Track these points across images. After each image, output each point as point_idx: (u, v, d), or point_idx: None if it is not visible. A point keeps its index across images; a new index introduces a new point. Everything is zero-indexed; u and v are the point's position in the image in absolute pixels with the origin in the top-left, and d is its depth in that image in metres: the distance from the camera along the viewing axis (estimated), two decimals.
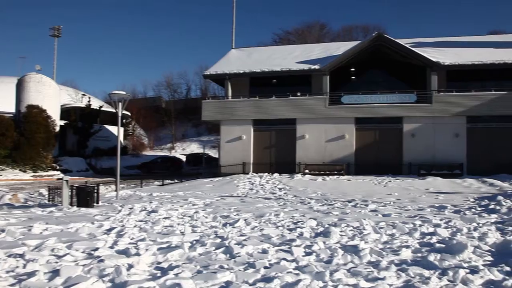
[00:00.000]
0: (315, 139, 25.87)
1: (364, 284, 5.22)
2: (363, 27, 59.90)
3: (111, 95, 14.90)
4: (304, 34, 58.72)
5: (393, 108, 25.03)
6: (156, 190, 18.45)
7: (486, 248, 7.04)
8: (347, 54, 26.54)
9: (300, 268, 5.86)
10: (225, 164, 26.63)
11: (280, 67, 27.42)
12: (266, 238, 7.80)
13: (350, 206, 12.46)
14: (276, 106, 26.46)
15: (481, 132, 24.32)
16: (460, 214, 10.84)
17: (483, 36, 32.31)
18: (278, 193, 16.89)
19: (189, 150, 50.22)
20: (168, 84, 66.25)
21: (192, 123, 58.48)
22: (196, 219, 10.05)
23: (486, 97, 24.02)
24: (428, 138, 24.60)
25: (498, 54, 25.33)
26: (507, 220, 9.68)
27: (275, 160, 26.53)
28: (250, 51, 33.11)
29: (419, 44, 27.61)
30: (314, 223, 9.31)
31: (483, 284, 5.26)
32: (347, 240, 7.69)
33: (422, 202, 13.37)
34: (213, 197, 15.17)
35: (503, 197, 13.10)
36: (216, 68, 29.36)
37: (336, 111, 25.68)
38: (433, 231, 8.37)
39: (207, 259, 6.37)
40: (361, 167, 24.72)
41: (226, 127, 27.35)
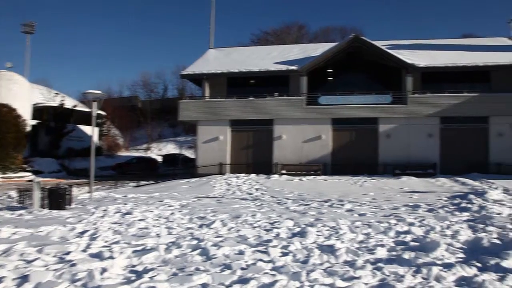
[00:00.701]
0: (292, 139, 25.98)
1: (340, 283, 5.26)
2: (341, 28, 60.57)
3: (86, 95, 14.61)
4: (282, 34, 58.95)
5: (369, 109, 25.38)
6: (131, 192, 18.16)
7: (458, 245, 7.20)
8: (325, 55, 26.77)
9: (276, 268, 5.86)
10: (201, 165, 26.47)
11: (258, 67, 27.44)
12: (242, 239, 7.77)
13: (326, 206, 12.53)
14: (253, 107, 26.45)
15: (454, 132, 24.90)
16: (433, 212, 11.04)
17: (456, 39, 33.11)
18: (255, 193, 16.86)
19: (166, 151, 49.73)
20: (145, 83, 65.44)
21: (168, 123, 57.94)
22: (172, 221, 9.92)
23: (458, 98, 24.62)
24: (403, 138, 25.03)
25: (470, 57, 26.00)
26: (478, 218, 9.92)
27: (252, 160, 26.51)
28: (228, 51, 33.03)
29: (395, 46, 28.08)
30: (290, 223, 9.32)
31: (456, 280, 5.38)
32: (323, 240, 7.72)
33: (397, 202, 13.55)
34: (190, 198, 15.02)
35: (474, 195, 13.41)
36: (193, 68, 29.16)
37: (313, 111, 25.86)
38: (408, 229, 8.50)
39: (183, 261, 6.30)
40: (337, 167, 24.94)
41: (203, 127, 27.18)
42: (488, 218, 9.76)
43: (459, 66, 25.36)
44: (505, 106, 24.12)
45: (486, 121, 24.63)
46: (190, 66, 29.97)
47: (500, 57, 25.70)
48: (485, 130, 24.66)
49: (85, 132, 41.20)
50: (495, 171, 23.55)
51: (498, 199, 12.84)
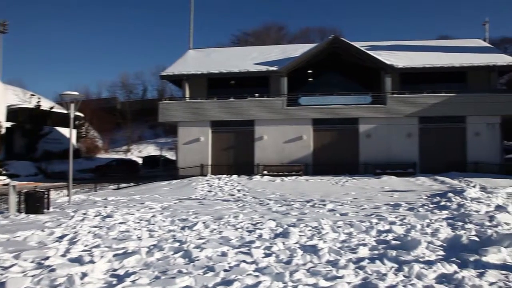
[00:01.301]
0: (274, 140, 26.03)
1: (324, 283, 5.27)
2: (320, 29, 60.97)
3: (63, 96, 14.34)
4: (262, 35, 59.09)
5: (349, 109, 25.62)
6: (111, 194, 17.90)
7: (439, 243, 7.31)
8: (305, 56, 26.92)
9: (260, 269, 5.84)
10: (183, 166, 26.27)
11: (238, 68, 27.41)
12: (225, 240, 7.73)
13: (308, 206, 12.58)
14: (234, 108, 26.41)
15: (432, 132, 25.35)
16: (414, 211, 11.20)
17: (433, 40, 33.77)
18: (237, 194, 16.82)
19: (146, 153, 49.25)
20: (124, 84, 64.67)
21: (148, 124, 57.35)
22: (153, 223, 9.80)
23: (436, 99, 25.09)
24: (383, 138, 25.35)
25: (447, 58, 26.55)
26: (457, 216, 10.11)
27: (234, 161, 26.46)
28: (208, 51, 32.90)
29: (373, 47, 28.42)
30: (273, 224, 9.32)
31: (436, 277, 5.46)
32: (306, 240, 7.75)
33: (378, 201, 13.70)
34: (171, 200, 14.88)
35: (453, 194, 13.66)
36: (173, 68, 28.94)
37: (294, 112, 25.96)
38: (389, 228, 8.60)
39: (165, 264, 6.23)
40: (318, 168, 25.09)
41: (183, 128, 27.00)
42: (467, 216, 9.96)
43: (436, 67, 25.87)
44: (481, 106, 24.68)
45: (463, 120, 25.17)
46: (169, 67, 29.74)
47: (475, 58, 26.32)
48: (462, 130, 25.19)
49: (62, 134, 40.43)
50: (473, 169, 24.09)
51: (475, 197, 13.10)
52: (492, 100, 24.83)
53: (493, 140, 24.85)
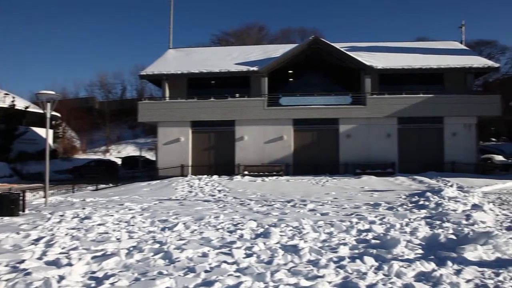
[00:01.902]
0: (254, 140, 26.03)
1: (305, 283, 5.29)
2: (300, 30, 61.30)
3: (39, 95, 14.01)
4: (242, 35, 59.06)
5: (330, 109, 25.81)
6: (90, 195, 17.61)
7: (417, 242, 7.43)
8: (285, 57, 27.01)
9: (241, 270, 5.83)
10: (163, 167, 26.03)
11: (218, 68, 27.31)
12: (206, 241, 7.68)
13: (289, 206, 12.62)
14: (214, 108, 26.31)
15: (411, 132, 25.75)
16: (393, 210, 11.34)
17: (411, 42, 34.34)
18: (217, 195, 16.76)
19: (125, 153, 48.62)
20: (102, 84, 63.57)
21: (128, 124, 56.67)
22: (133, 225, 9.68)
23: (415, 99, 25.49)
24: (363, 138, 25.62)
25: (425, 60, 27.04)
26: (435, 215, 10.30)
27: (214, 162, 26.36)
28: (188, 51, 32.69)
29: (353, 48, 28.71)
30: (254, 224, 9.31)
31: (415, 275, 5.55)
32: (287, 240, 7.76)
33: (358, 200, 13.84)
34: (151, 201, 14.72)
35: (431, 193, 13.91)
36: (152, 68, 28.65)
37: (275, 112, 26.02)
38: (369, 228, 8.69)
39: (145, 266, 6.15)
40: (299, 168, 25.20)
41: (163, 128, 26.75)
42: (444, 214, 10.15)
43: (415, 68, 26.29)
44: (458, 107, 25.19)
45: (441, 121, 25.64)
46: (149, 66, 29.41)
47: (452, 60, 26.89)
48: (440, 130, 25.67)
49: (38, 134, 39.55)
50: (450, 169, 24.57)
51: (453, 196, 13.37)
52: (468, 102, 25.40)
53: (469, 141, 25.40)
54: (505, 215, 10.41)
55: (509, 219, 9.85)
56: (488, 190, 17.33)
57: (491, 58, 42.55)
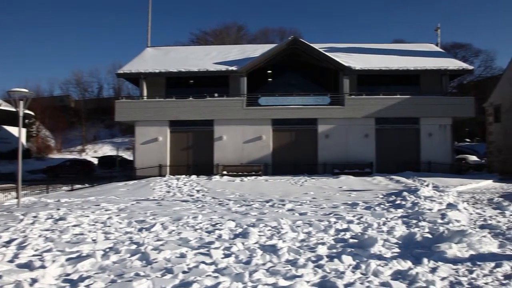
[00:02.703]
0: (233, 140, 25.98)
1: (283, 282, 5.28)
2: (280, 30, 61.56)
3: (11, 93, 13.61)
4: (221, 35, 58.87)
5: (308, 109, 25.97)
6: (65, 196, 17.23)
7: (394, 240, 7.52)
8: (264, 56, 27.05)
9: (219, 270, 5.78)
10: (140, 167, 25.71)
11: (197, 67, 27.15)
12: (184, 241, 7.60)
13: (268, 206, 12.61)
14: (193, 107, 26.14)
15: (388, 132, 26.16)
16: (370, 210, 11.45)
17: (388, 44, 34.87)
18: (196, 195, 16.63)
19: (102, 153, 47.90)
20: (78, 82, 62.35)
21: (104, 124, 55.85)
22: (109, 225, 9.49)
23: (392, 100, 25.90)
24: (341, 138, 25.88)
25: (402, 62, 27.49)
26: (411, 214, 10.46)
27: (193, 161, 26.19)
28: (167, 50, 32.39)
29: (331, 49, 28.97)
30: (232, 224, 9.27)
31: (392, 274, 5.62)
32: (265, 240, 7.74)
33: (336, 200, 13.92)
34: (128, 202, 14.50)
35: (407, 192, 14.12)
36: (130, 66, 28.25)
37: (253, 112, 26.03)
38: (347, 227, 8.74)
39: (121, 267, 6.03)
40: (278, 168, 25.27)
41: (141, 128, 26.42)
42: (421, 214, 10.31)
43: (392, 69, 26.70)
44: (434, 108, 25.75)
45: (417, 122, 26.13)
46: (126, 64, 29.01)
47: (428, 62, 27.42)
48: (416, 131, 26.16)
49: (11, 133, 38.60)
50: (426, 169, 25.08)
51: (429, 195, 13.60)
52: (444, 103, 25.98)
53: (445, 141, 25.97)
54: (479, 214, 10.65)
55: (482, 218, 10.08)
56: (462, 189, 17.75)
57: (466, 61, 43.54)
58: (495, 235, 7.79)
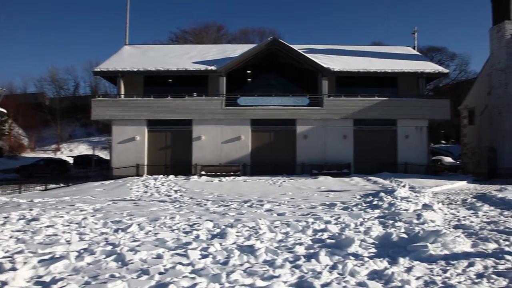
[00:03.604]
0: (212, 140, 25.86)
1: (260, 283, 5.26)
2: (259, 30, 61.66)
3: None
4: (201, 34, 58.57)
5: (287, 110, 26.06)
6: (38, 196, 16.84)
7: (371, 241, 7.59)
8: (244, 57, 27.01)
9: (196, 271, 5.73)
10: (117, 166, 25.33)
11: (176, 66, 26.91)
12: (161, 242, 7.50)
13: (246, 207, 12.59)
14: (171, 107, 25.91)
15: (366, 134, 26.48)
16: (348, 210, 11.55)
17: (366, 46, 35.29)
18: (173, 195, 16.49)
19: (77, 152, 47.02)
20: (53, 79, 60.90)
21: (80, 122, 54.84)
22: (84, 226, 9.30)
23: (370, 102, 26.23)
24: (319, 139, 26.06)
25: (380, 64, 27.87)
26: (388, 215, 10.59)
27: (171, 161, 25.96)
28: (145, 48, 32.00)
29: (311, 50, 29.17)
30: (210, 224, 9.21)
31: (368, 274, 5.66)
32: (243, 240, 7.72)
33: (314, 201, 14.00)
34: (104, 202, 14.26)
35: (384, 193, 14.32)
36: (107, 64, 27.79)
37: (232, 112, 25.96)
38: (324, 227, 8.79)
39: (96, 269, 5.91)
40: (257, 168, 25.28)
41: (118, 127, 26.03)
42: (397, 214, 10.45)
43: (370, 71, 27.03)
44: (410, 110, 26.20)
45: (394, 123, 26.53)
46: (103, 62, 28.52)
47: (405, 65, 27.88)
48: (393, 132, 26.55)
49: None
50: (403, 170, 25.50)
51: (405, 196, 13.82)
52: (420, 105, 26.46)
53: (421, 143, 26.46)
54: (453, 214, 10.87)
55: (456, 218, 10.29)
56: (437, 190, 18.11)
57: (441, 64, 44.58)
58: (468, 235, 7.95)
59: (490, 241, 7.40)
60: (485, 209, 11.69)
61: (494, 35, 27.73)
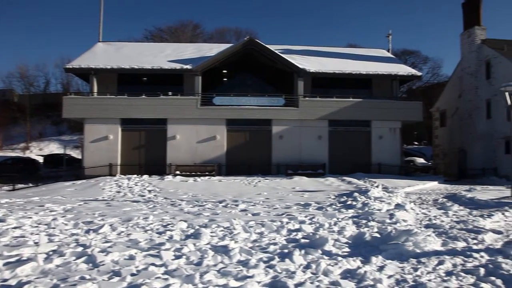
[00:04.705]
0: (187, 139, 25.64)
1: (234, 283, 5.24)
2: (236, 30, 61.47)
3: None
4: (177, 32, 57.97)
5: (263, 110, 26.08)
6: (5, 196, 16.33)
7: (344, 240, 7.67)
8: (220, 56, 26.89)
9: (169, 272, 5.66)
10: (89, 166, 24.79)
11: (151, 64, 26.55)
12: (133, 243, 7.38)
13: (221, 207, 12.54)
14: (146, 105, 25.55)
15: (340, 134, 26.75)
16: (322, 210, 11.65)
17: (342, 48, 35.69)
18: (147, 195, 16.27)
19: (48, 151, 45.77)
20: (22, 75, 59.08)
21: (51, 120, 53.40)
22: (54, 227, 9.06)
23: (345, 103, 26.52)
24: (295, 140, 26.19)
25: (355, 65, 28.21)
26: (361, 214, 10.73)
27: (145, 161, 25.59)
28: (119, 45, 31.44)
29: (287, 50, 29.28)
30: (184, 225, 9.12)
31: (341, 273, 5.73)
32: (217, 240, 7.68)
33: (289, 201, 14.06)
34: (75, 202, 13.95)
35: (358, 193, 14.51)
36: (80, 61, 27.16)
37: (208, 112, 25.81)
38: (299, 227, 8.83)
39: (65, 271, 5.75)
40: (232, 168, 25.21)
41: (91, 125, 25.49)
42: (370, 214, 10.60)
43: (345, 73, 27.33)
44: (384, 111, 26.62)
45: (368, 124, 26.90)
46: (76, 59, 27.85)
47: (380, 67, 28.33)
48: (368, 133, 26.93)
49: None
50: (376, 170, 25.90)
51: (378, 196, 14.04)
52: (394, 107, 26.92)
53: (394, 144, 26.93)
54: (424, 214, 11.10)
55: (428, 217, 10.51)
56: (410, 190, 18.46)
57: (415, 67, 45.47)
58: (438, 234, 8.12)
59: (459, 240, 7.58)
60: (455, 209, 12.00)
61: (464, 40, 28.51)
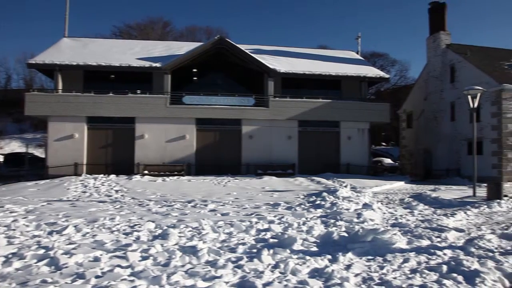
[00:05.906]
0: (155, 139, 25.28)
1: (202, 284, 5.19)
2: (207, 29, 61.17)
3: None
4: (146, 30, 57.11)
5: (233, 110, 26.03)
6: None
7: (313, 240, 7.73)
8: (190, 55, 26.65)
9: (135, 274, 5.54)
10: (53, 165, 24.06)
11: (119, 62, 26.01)
12: (99, 244, 7.19)
13: (189, 207, 12.41)
14: (113, 103, 25.01)
15: (310, 135, 27.03)
16: (291, 210, 11.71)
17: (313, 49, 36.06)
18: (114, 195, 15.92)
19: (9, 149, 44.17)
20: None
21: (12, 117, 51.58)
22: (14, 229, 8.69)
23: (314, 104, 26.81)
24: (265, 140, 26.26)
25: (324, 67, 28.58)
26: (330, 214, 10.85)
27: (112, 160, 25.06)
28: (86, 41, 30.64)
29: (258, 50, 29.33)
30: (152, 225, 8.97)
31: (309, 272, 5.77)
32: (185, 241, 7.59)
33: (258, 201, 14.06)
34: (38, 203, 13.47)
35: (327, 193, 14.67)
36: (44, 56, 26.29)
37: (177, 111, 25.53)
38: (268, 227, 8.84)
39: (26, 274, 5.53)
40: (201, 168, 25.04)
41: (55, 123, 24.73)
42: (338, 213, 10.73)
43: (315, 73, 27.62)
44: (353, 112, 27.11)
45: (337, 125, 27.31)
46: (39, 54, 26.92)
47: (349, 69, 28.81)
48: (337, 134, 27.33)
49: None
50: (345, 170, 26.32)
51: (346, 196, 14.25)
52: (362, 108, 27.44)
53: (363, 144, 27.43)
54: (391, 213, 11.33)
55: (394, 217, 10.73)
56: (377, 190, 18.83)
57: (383, 70, 46.50)
58: (404, 233, 8.30)
59: (424, 238, 7.77)
60: (420, 208, 12.32)
61: (430, 44, 29.35)
